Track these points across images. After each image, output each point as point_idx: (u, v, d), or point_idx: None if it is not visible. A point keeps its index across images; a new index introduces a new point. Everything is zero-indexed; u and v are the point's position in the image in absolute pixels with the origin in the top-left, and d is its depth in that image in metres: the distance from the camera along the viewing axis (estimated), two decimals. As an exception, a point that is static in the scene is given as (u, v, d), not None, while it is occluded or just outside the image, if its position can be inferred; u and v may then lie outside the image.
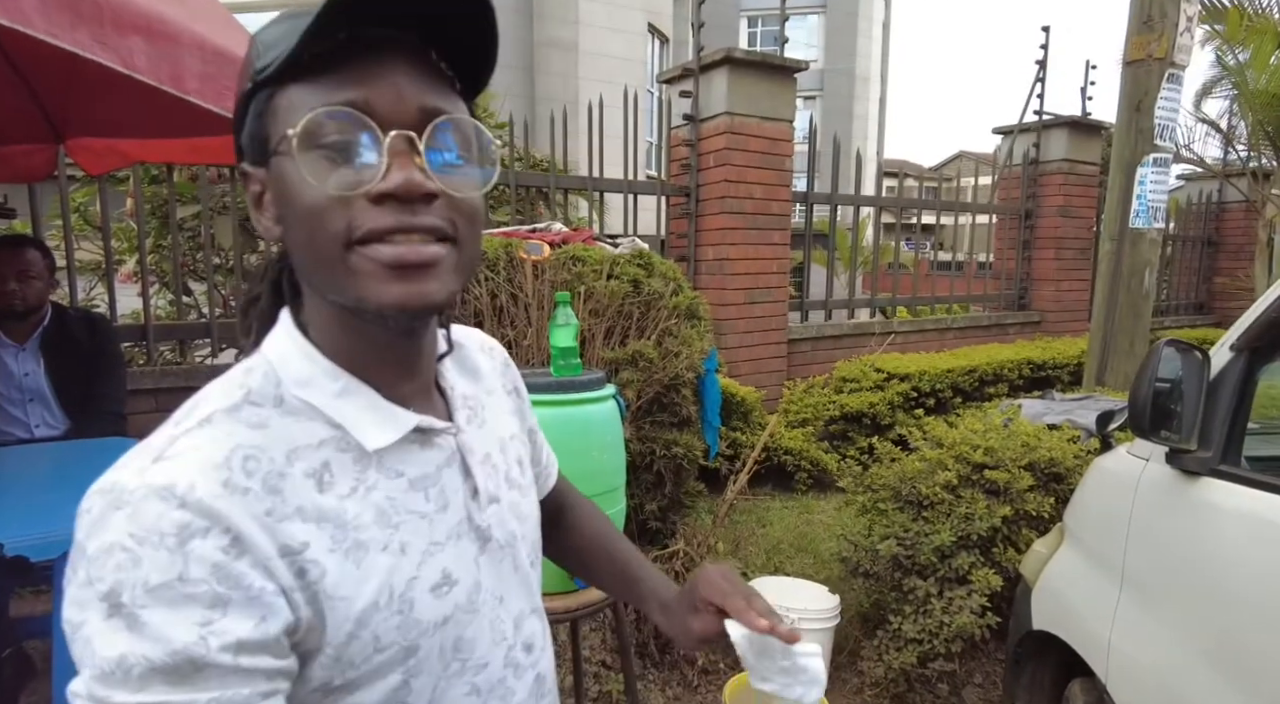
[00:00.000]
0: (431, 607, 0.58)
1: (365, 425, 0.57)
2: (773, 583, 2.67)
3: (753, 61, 4.25)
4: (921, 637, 2.39)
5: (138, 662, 0.44)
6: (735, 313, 4.46)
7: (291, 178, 0.53)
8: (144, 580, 0.45)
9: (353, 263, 0.53)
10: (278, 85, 0.54)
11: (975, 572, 2.39)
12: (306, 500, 0.53)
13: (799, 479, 4.29)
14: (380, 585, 0.55)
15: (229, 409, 0.54)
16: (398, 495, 0.58)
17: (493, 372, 0.78)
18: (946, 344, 5.63)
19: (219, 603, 0.47)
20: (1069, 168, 6.04)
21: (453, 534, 0.62)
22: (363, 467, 0.57)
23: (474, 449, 0.66)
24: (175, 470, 0.48)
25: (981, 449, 2.53)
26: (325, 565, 0.52)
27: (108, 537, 0.46)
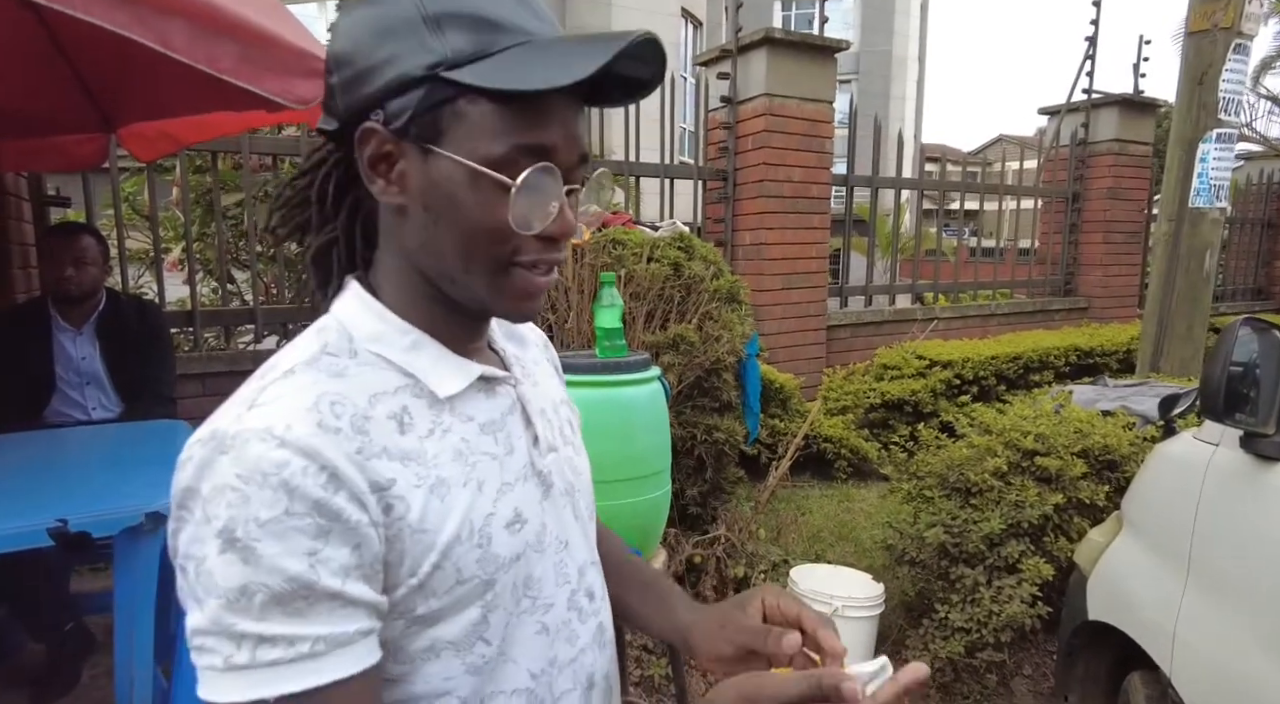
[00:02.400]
0: (507, 542, 0.61)
1: (437, 374, 0.61)
2: (816, 571, 2.64)
3: (792, 41, 4.17)
4: (969, 626, 2.34)
5: (259, 589, 0.48)
6: (772, 299, 4.40)
7: (465, 189, 0.56)
8: (255, 516, 0.48)
9: (504, 281, 0.59)
10: (467, 91, 0.54)
11: (1025, 560, 2.33)
12: (390, 441, 0.56)
13: (839, 467, 4.23)
14: (462, 519, 0.58)
15: (308, 361, 0.57)
16: (471, 437, 0.61)
17: (536, 343, 0.82)
18: (990, 331, 5.50)
19: (322, 533, 0.50)
20: (1119, 148, 5.84)
21: (520, 476, 0.64)
22: (437, 411, 0.60)
23: (531, 401, 0.69)
24: (271, 414, 0.51)
25: (1032, 435, 2.46)
26: (410, 501, 0.55)
27: (218, 478, 0.49)
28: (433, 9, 0.55)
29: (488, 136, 0.55)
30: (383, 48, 0.55)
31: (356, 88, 0.57)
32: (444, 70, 0.54)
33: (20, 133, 2.73)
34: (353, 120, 0.58)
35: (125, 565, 1.87)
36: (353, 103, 0.58)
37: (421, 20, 0.54)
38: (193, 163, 3.73)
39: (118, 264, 3.26)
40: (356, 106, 0.58)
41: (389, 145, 0.58)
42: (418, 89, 0.55)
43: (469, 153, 0.55)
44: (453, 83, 0.54)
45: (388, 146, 0.58)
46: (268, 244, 3.89)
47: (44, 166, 3.06)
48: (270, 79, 1.74)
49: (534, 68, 0.53)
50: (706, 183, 4.54)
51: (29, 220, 3.09)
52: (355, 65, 0.57)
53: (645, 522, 1.59)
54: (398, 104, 0.56)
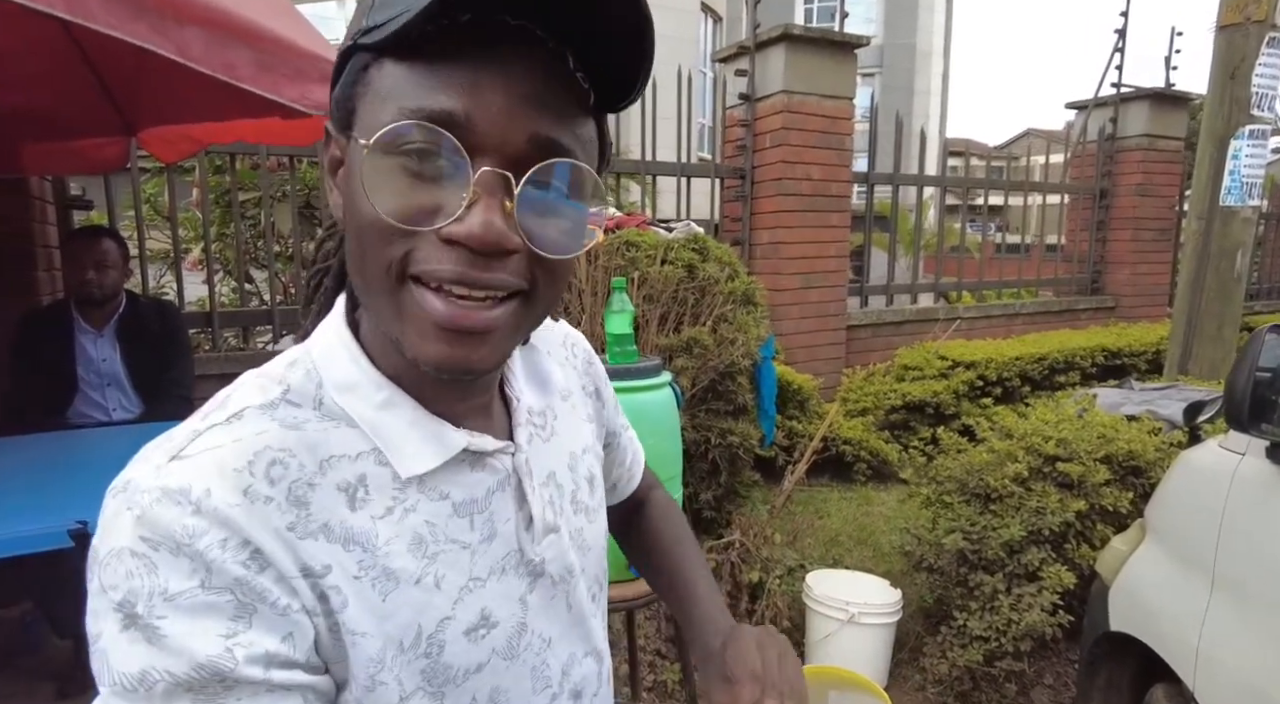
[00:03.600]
0: (464, 652, 0.52)
1: (405, 445, 0.50)
2: (832, 576, 2.61)
3: (811, 38, 4.12)
4: (988, 634, 2.30)
5: (161, 677, 0.40)
6: (791, 298, 4.36)
7: (359, 177, 0.44)
8: (161, 588, 0.40)
9: (402, 300, 0.46)
10: (378, 54, 0.45)
11: (1046, 568, 2.28)
12: (334, 517, 0.47)
13: (858, 470, 4.18)
14: (406, 624, 0.49)
15: (263, 405, 0.48)
16: (439, 521, 0.51)
17: (570, 374, 0.70)
18: (1014, 330, 5.41)
19: (244, 613, 0.42)
20: (1149, 144, 5.71)
21: (497, 569, 0.54)
22: (402, 485, 0.50)
23: (535, 470, 0.59)
24: (191, 472, 0.43)
25: (1054, 440, 2.41)
26: (347, 595, 0.46)
27: (119, 540, 0.41)
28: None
29: (382, 103, 0.44)
30: (346, 37, 0.48)
31: (330, 90, 0.49)
32: (362, 35, 0.45)
33: (44, 136, 2.78)
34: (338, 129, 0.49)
35: (142, 566, 1.90)
36: (334, 107, 0.49)
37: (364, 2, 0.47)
38: (213, 164, 3.77)
39: (138, 265, 3.31)
40: (333, 110, 0.49)
41: (336, 147, 0.49)
42: (347, 65, 0.47)
43: (365, 128, 0.44)
44: (367, 48, 0.45)
45: (337, 149, 0.49)
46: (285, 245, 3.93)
47: (67, 169, 3.11)
48: (287, 85, 1.75)
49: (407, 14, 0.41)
50: (724, 181, 4.51)
51: (53, 223, 3.15)
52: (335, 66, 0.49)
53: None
54: (337, 91, 0.48)
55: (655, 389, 1.58)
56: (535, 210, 0.45)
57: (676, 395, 1.64)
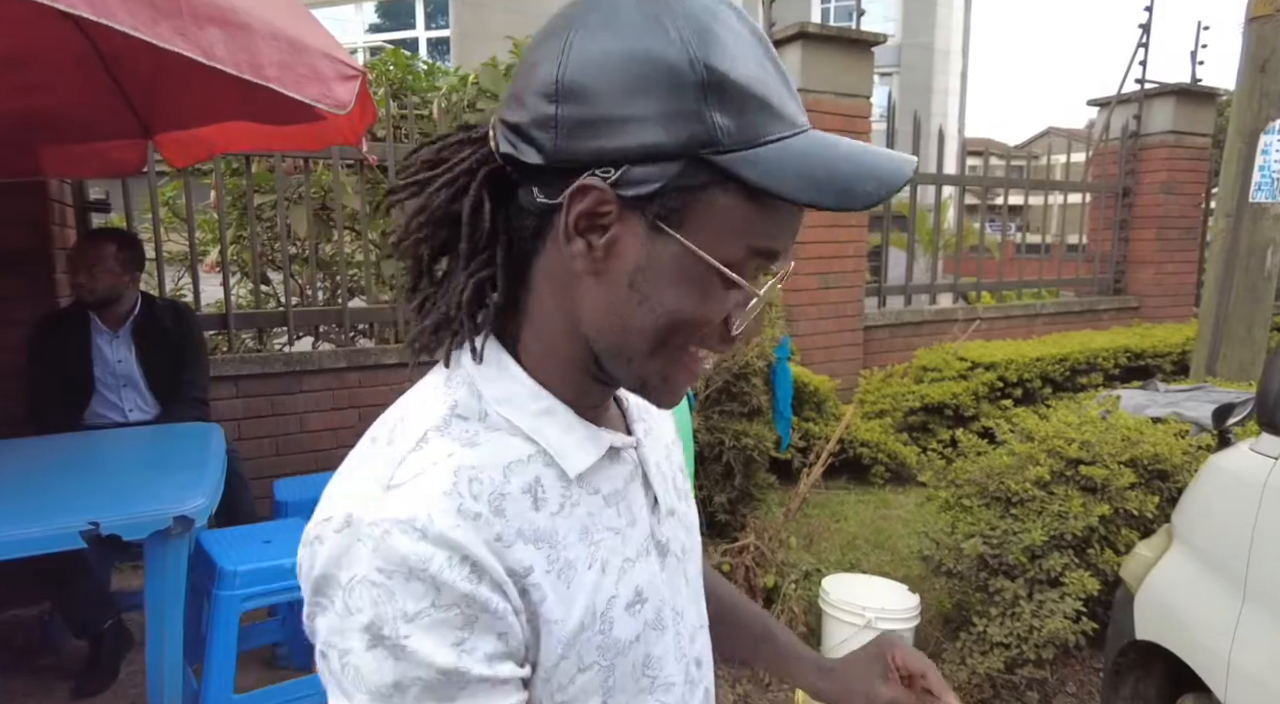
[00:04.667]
0: (627, 625, 0.58)
1: (567, 447, 0.56)
2: (850, 581, 2.57)
3: (828, 36, 4.08)
4: (1009, 641, 2.25)
5: (413, 683, 0.47)
6: (808, 298, 4.32)
7: (682, 276, 0.50)
8: (402, 611, 0.46)
9: (676, 360, 0.54)
10: (728, 181, 0.48)
11: (1069, 574, 2.23)
12: (525, 521, 0.53)
13: (875, 472, 4.14)
14: (586, 606, 0.55)
15: (439, 426, 0.53)
16: (596, 511, 0.58)
17: None
18: (1035, 331, 5.33)
19: (468, 623, 0.48)
20: (1174, 140, 5.61)
21: (641, 550, 0.61)
22: (566, 483, 0.56)
23: (649, 459, 0.65)
24: (411, 500, 0.49)
25: (1077, 443, 2.36)
26: (545, 589, 0.53)
27: (358, 569, 0.47)
28: (708, 73, 0.47)
29: (730, 233, 0.50)
30: (640, 101, 0.47)
31: (590, 135, 0.48)
32: (711, 153, 0.47)
33: (63, 139, 2.80)
34: (566, 165, 0.49)
35: (155, 567, 1.90)
36: (578, 150, 0.49)
37: (696, 84, 0.47)
38: (229, 166, 3.79)
39: (155, 268, 3.33)
40: (581, 155, 0.49)
41: (609, 208, 0.50)
42: (671, 163, 0.48)
43: (707, 245, 0.49)
44: (715, 167, 0.48)
45: (606, 209, 0.50)
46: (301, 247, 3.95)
47: (87, 172, 3.13)
48: (310, 85, 1.75)
49: (813, 175, 0.48)
50: (740, 181, 4.47)
51: (72, 225, 3.17)
52: (597, 109, 0.48)
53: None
54: (641, 172, 0.48)
55: (667, 390, 1.55)
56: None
57: (688, 396, 1.61)
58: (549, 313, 0.56)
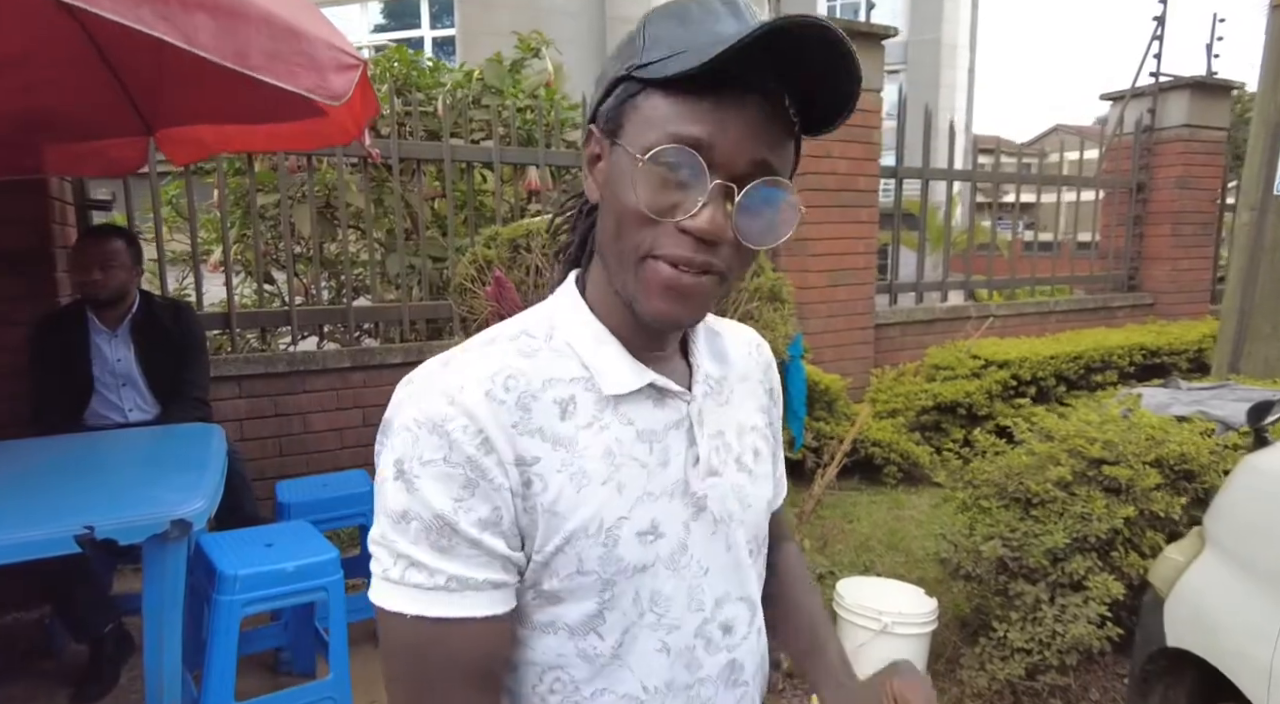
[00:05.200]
0: (634, 549, 0.62)
1: (609, 371, 0.64)
2: (865, 584, 2.50)
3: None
4: (1030, 646, 2.19)
5: (415, 517, 0.56)
6: (818, 296, 4.26)
7: (625, 177, 0.58)
8: (420, 455, 0.56)
9: (641, 271, 0.60)
10: (645, 85, 0.58)
11: (1092, 577, 2.16)
12: (548, 423, 0.61)
13: (888, 472, 4.07)
14: (593, 514, 0.61)
15: (511, 336, 0.64)
16: (625, 440, 0.63)
17: (751, 366, 0.81)
18: (1048, 328, 5.25)
19: (470, 484, 0.57)
20: (1190, 134, 5.52)
21: (667, 491, 0.65)
22: (601, 407, 0.63)
23: (706, 421, 0.69)
24: (454, 375, 0.60)
25: (1099, 442, 2.29)
26: (549, 481, 0.60)
27: (403, 417, 0.58)
28: (647, 21, 0.61)
29: (650, 126, 0.58)
30: (615, 60, 0.62)
31: (597, 102, 0.63)
32: (635, 69, 0.59)
33: (65, 137, 2.76)
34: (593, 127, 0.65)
35: (153, 571, 1.85)
36: (594, 112, 0.64)
37: (639, 29, 0.61)
38: (232, 166, 3.75)
39: (157, 267, 3.29)
40: (591, 113, 0.65)
41: (599, 145, 0.63)
42: (617, 89, 0.61)
43: (634, 141, 0.58)
44: (637, 80, 0.59)
45: (598, 147, 0.64)
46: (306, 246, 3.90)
47: (88, 171, 3.09)
48: (304, 74, 1.68)
49: (684, 62, 0.55)
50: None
51: (73, 224, 3.13)
52: (602, 82, 0.64)
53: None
54: (606, 105, 0.62)
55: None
56: (747, 213, 0.58)
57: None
58: (597, 256, 0.67)
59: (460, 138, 3.70)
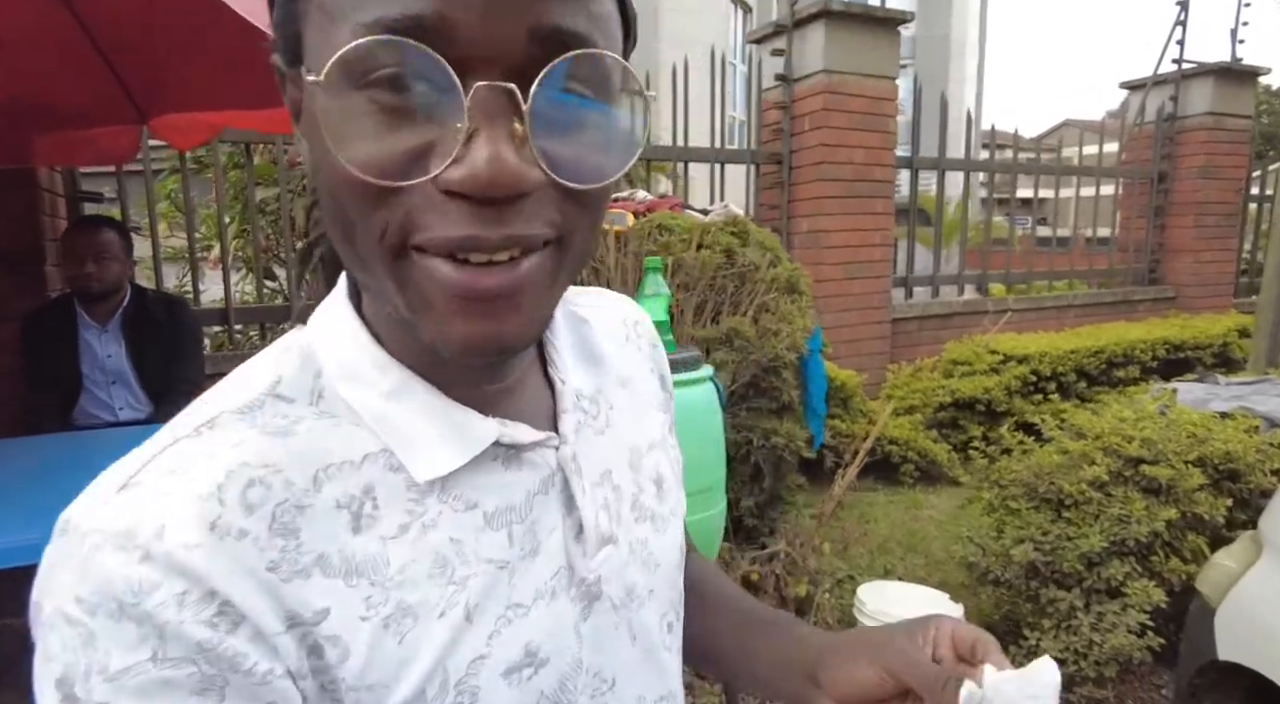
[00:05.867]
0: (503, 698, 0.41)
1: (420, 441, 0.40)
2: (886, 588, 2.39)
3: (853, 13, 3.89)
4: (1065, 657, 2.07)
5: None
6: (832, 289, 4.13)
7: (319, 125, 0.34)
8: (101, 665, 0.32)
9: (405, 275, 0.36)
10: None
11: (1131, 583, 2.04)
12: (333, 545, 0.38)
13: (905, 471, 3.95)
14: (431, 669, 0.39)
15: (243, 408, 0.39)
16: (467, 537, 0.41)
17: (634, 357, 0.57)
18: (1067, 323, 5.11)
19: (211, 687, 0.33)
20: (1214, 122, 5.36)
21: (545, 592, 0.44)
22: (420, 495, 0.40)
23: (585, 467, 0.47)
24: (141, 506, 0.34)
25: (1137, 440, 2.17)
26: (349, 643, 0.37)
27: (56, 599, 0.33)
28: None
29: (332, 24, 0.33)
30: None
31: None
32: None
33: (54, 126, 2.67)
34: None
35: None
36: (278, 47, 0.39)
37: None
38: (231, 159, 3.66)
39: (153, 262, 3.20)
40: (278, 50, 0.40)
41: (293, 84, 0.39)
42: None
43: (317, 59, 0.34)
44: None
45: (292, 84, 0.39)
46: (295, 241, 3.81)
47: (79, 160, 3.01)
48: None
49: None
50: (760, 167, 4.29)
51: (64, 216, 3.05)
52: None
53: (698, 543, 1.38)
54: (276, 13, 0.38)
55: (694, 384, 1.39)
56: (554, 129, 0.34)
57: (719, 392, 1.45)
58: None
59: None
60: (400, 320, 0.38)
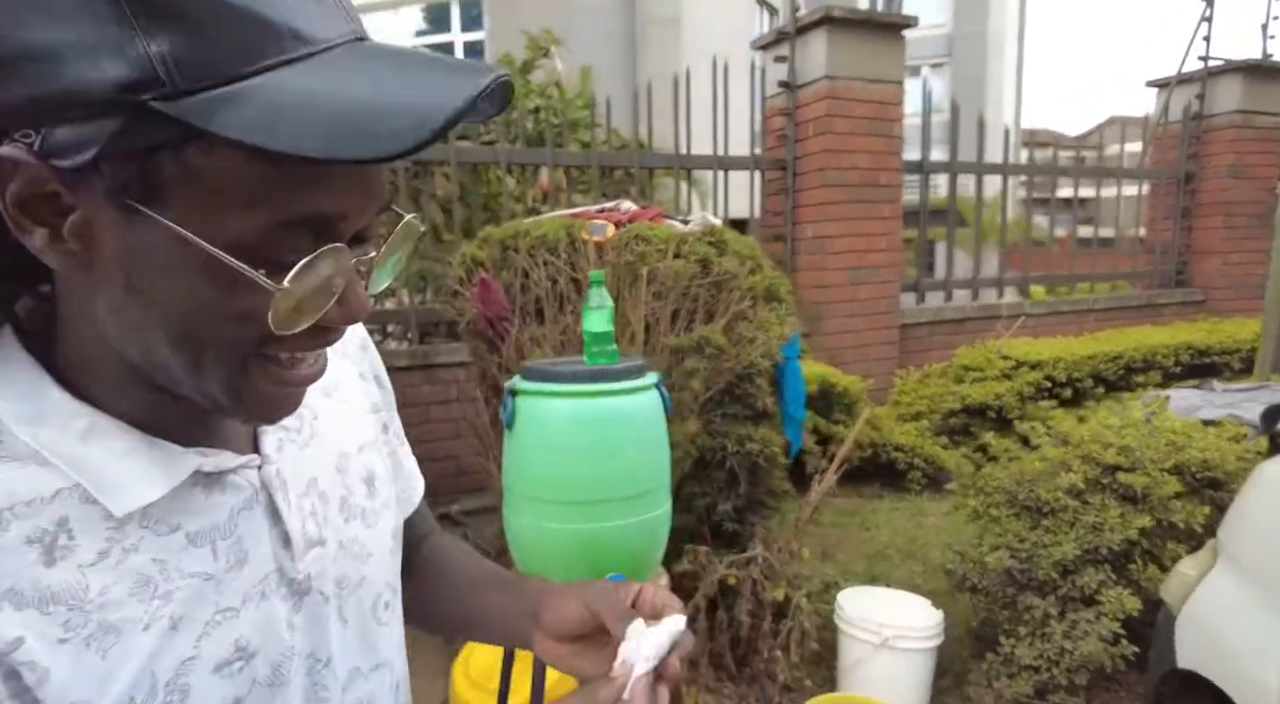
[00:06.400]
0: (217, 690, 0.46)
1: (116, 478, 0.43)
2: (868, 595, 2.41)
3: (854, 20, 3.90)
4: (1039, 664, 2.07)
5: None
6: (837, 295, 4.14)
7: (201, 276, 0.38)
8: None
9: (248, 376, 0.43)
10: (202, 137, 0.34)
11: (1105, 591, 2.03)
12: (25, 578, 0.40)
13: (911, 478, 3.93)
14: (137, 676, 0.42)
15: None
16: (170, 556, 0.45)
17: (339, 364, 0.61)
18: (1087, 327, 5.02)
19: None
20: (1243, 121, 5.22)
21: (254, 595, 0.49)
22: (116, 524, 0.43)
23: (291, 480, 0.52)
24: None
25: (1115, 448, 2.15)
26: (49, 666, 0.40)
27: None
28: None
29: (233, 204, 0.37)
30: (32, 26, 0.33)
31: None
32: (154, 99, 0.33)
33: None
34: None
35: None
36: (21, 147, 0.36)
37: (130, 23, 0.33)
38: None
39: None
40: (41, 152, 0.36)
41: (52, 185, 0.36)
42: (106, 119, 0.34)
43: (203, 228, 0.36)
44: (176, 122, 0.34)
45: (50, 186, 0.37)
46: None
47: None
48: None
49: (317, 116, 0.34)
50: (765, 173, 4.32)
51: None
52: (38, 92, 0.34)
53: (637, 546, 1.44)
54: (68, 134, 0.34)
55: (637, 392, 1.44)
56: (379, 275, 0.47)
57: (664, 400, 1.50)
58: (84, 335, 0.44)
59: (469, 139, 3.70)
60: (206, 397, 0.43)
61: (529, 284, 2.28)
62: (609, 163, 3.89)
